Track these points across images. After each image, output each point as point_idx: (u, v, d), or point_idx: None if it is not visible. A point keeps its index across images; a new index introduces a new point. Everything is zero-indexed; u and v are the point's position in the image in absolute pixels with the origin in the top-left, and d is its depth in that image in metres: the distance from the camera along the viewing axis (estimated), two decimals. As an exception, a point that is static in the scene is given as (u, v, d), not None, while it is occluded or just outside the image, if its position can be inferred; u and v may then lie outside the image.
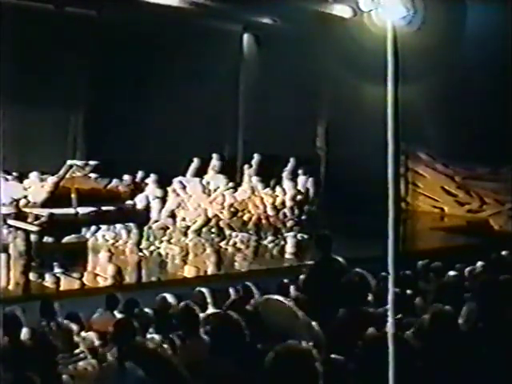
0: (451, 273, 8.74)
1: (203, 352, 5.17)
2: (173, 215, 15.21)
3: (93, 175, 14.12)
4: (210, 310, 7.72)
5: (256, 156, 16.77)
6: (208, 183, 16.01)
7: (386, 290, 3.40)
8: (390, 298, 3.19)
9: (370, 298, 7.88)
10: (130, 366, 4.96)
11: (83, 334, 7.05)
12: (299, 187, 16.25)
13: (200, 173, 16.24)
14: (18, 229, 12.38)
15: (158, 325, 6.75)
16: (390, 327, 3.19)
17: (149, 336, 6.35)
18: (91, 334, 7.07)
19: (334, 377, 4.35)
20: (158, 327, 6.64)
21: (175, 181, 15.75)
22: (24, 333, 6.63)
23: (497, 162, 15.67)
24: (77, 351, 6.20)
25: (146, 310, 7.42)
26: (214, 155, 16.60)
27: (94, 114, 16.69)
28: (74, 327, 7.18)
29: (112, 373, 5.11)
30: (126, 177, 15.51)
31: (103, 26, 15.61)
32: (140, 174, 15.79)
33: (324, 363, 3.96)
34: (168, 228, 14.91)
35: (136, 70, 15.78)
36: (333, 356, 4.92)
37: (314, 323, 5.85)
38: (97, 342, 6.78)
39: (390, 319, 3.20)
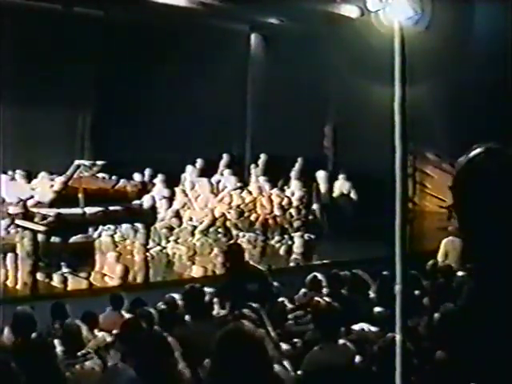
0: (459, 273, 8.73)
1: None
2: (178, 215, 15.21)
3: (100, 175, 14.14)
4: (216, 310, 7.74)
5: (263, 156, 16.77)
6: (217, 183, 16.02)
7: (391, 290, 3.38)
8: (397, 298, 3.17)
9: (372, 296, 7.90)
10: (122, 366, 4.98)
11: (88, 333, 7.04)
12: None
13: (208, 173, 16.26)
14: (25, 229, 12.40)
15: (165, 324, 6.76)
16: (397, 328, 3.17)
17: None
18: (101, 334, 7.08)
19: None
20: (164, 326, 6.65)
21: (186, 180, 15.81)
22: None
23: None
24: (83, 351, 6.20)
25: (152, 309, 7.42)
26: (224, 155, 16.64)
27: (101, 114, 16.70)
28: (83, 327, 7.17)
29: (109, 374, 5.13)
30: (136, 176, 15.55)
31: (111, 26, 15.63)
32: (147, 174, 15.83)
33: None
34: (174, 228, 14.92)
35: (143, 69, 15.79)
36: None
37: None
38: (106, 342, 6.78)
39: (397, 320, 3.18)
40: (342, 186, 16.24)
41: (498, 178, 2.16)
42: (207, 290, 8.16)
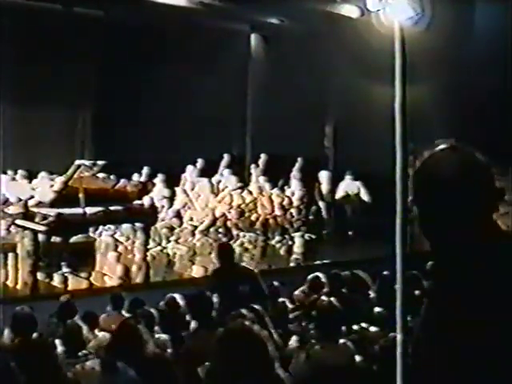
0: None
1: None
2: (178, 215, 15.20)
3: (101, 175, 14.13)
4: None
5: (263, 156, 16.76)
6: (217, 183, 16.02)
7: (391, 290, 3.38)
8: (398, 298, 3.17)
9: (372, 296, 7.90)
10: (121, 365, 4.98)
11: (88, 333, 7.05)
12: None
13: (209, 173, 16.25)
14: (25, 228, 12.39)
15: (165, 324, 6.76)
16: (398, 328, 3.17)
17: (155, 336, 6.35)
18: (101, 334, 7.08)
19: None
20: (165, 327, 6.65)
21: (186, 180, 15.81)
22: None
23: (506, 161, 15.59)
24: (84, 351, 6.20)
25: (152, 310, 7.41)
26: (225, 155, 16.64)
27: (102, 114, 16.70)
28: (84, 327, 7.18)
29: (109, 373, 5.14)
30: (135, 176, 15.55)
31: (111, 26, 15.64)
32: (147, 174, 15.82)
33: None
34: (174, 228, 14.92)
35: (144, 69, 15.79)
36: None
37: None
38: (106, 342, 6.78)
39: (398, 320, 3.18)
40: (348, 186, 16.17)
41: (452, 174, 2.23)
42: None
